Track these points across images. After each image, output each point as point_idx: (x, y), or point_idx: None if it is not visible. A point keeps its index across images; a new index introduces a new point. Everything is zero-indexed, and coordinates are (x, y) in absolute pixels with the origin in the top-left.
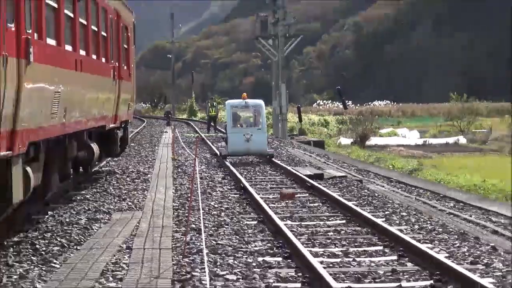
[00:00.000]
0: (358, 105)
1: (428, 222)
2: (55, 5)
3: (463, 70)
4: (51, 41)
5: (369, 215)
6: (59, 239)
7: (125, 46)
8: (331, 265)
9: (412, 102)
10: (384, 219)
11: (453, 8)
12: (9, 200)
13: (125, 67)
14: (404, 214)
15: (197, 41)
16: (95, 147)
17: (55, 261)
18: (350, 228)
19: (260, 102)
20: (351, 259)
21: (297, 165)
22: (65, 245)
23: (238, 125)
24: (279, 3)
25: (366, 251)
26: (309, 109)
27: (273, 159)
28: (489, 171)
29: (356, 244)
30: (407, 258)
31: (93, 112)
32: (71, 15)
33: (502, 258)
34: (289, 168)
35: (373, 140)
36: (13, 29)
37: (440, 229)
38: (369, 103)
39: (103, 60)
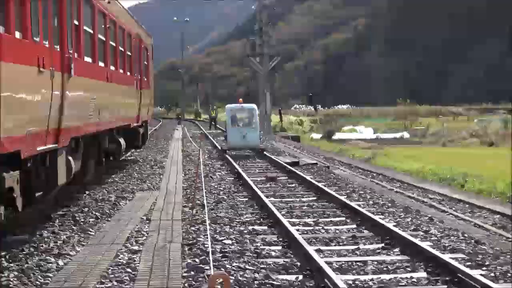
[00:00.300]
0: (326, 108)
1: (380, 198)
2: (91, 31)
3: (406, 80)
4: (88, 59)
5: (334, 193)
6: (94, 213)
7: (146, 62)
8: (305, 232)
9: (367, 106)
10: (346, 196)
11: (397, 32)
12: (56, 182)
13: (146, 79)
14: (362, 192)
15: (201, 59)
16: (122, 141)
17: (91, 229)
18: (320, 203)
19: (254, 106)
20: (320, 227)
21: (279, 154)
22: (99, 217)
23: (236, 125)
24: (265, 30)
25: (332, 221)
26: (288, 111)
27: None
28: (426, 159)
29: (324, 216)
30: (364, 227)
31: (121, 114)
32: (103, 38)
33: (437, 226)
34: (272, 157)
35: (337, 135)
36: (58, 49)
37: (389, 204)
38: (334, 106)
39: (128, 73)
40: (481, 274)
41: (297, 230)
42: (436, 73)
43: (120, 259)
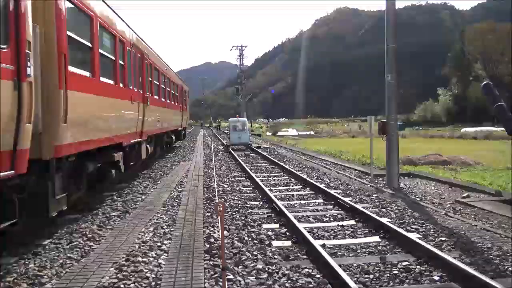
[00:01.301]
0: (274, 120)
1: (300, 164)
2: (157, 83)
3: (311, 106)
4: (156, 96)
5: (278, 161)
6: (159, 172)
7: (185, 98)
8: (263, 180)
9: (294, 118)
10: (283, 162)
11: (308, 82)
12: (140, 158)
13: (185, 106)
14: (291, 160)
15: (212, 96)
16: (173, 137)
17: (158, 180)
18: (271, 166)
19: (245, 119)
20: (271, 178)
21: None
22: (162, 174)
23: (235, 130)
24: (243, 82)
25: (277, 175)
26: (255, 122)
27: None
28: (323, 144)
29: (273, 172)
30: (292, 177)
31: (173, 123)
32: (164, 86)
33: (328, 177)
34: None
35: (280, 133)
36: (141, 92)
37: (304, 166)
38: (278, 119)
39: (176, 103)
40: (349, 200)
41: (260, 179)
42: (327, 104)
43: (172, 195)
